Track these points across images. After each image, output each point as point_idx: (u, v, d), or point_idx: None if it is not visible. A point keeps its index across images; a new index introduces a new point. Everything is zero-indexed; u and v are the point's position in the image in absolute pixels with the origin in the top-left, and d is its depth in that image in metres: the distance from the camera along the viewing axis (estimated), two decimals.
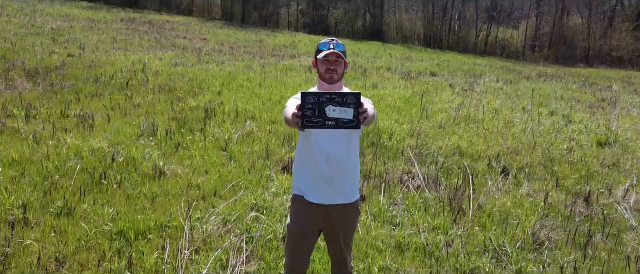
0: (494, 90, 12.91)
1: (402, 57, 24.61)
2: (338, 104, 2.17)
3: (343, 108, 2.17)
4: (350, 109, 2.16)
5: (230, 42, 23.44)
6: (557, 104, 11.41)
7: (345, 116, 2.16)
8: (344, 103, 2.16)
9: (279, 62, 15.47)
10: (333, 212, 2.65)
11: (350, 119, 2.16)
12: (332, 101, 2.17)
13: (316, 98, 2.17)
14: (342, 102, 2.17)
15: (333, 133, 2.58)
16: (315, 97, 2.17)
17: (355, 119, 2.16)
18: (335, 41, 2.64)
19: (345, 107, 2.16)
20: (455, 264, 3.83)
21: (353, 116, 2.16)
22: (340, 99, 2.16)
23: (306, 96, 2.18)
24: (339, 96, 2.16)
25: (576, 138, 8.23)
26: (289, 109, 2.48)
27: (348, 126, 2.18)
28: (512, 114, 9.64)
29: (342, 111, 2.17)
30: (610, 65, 33.95)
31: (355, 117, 2.15)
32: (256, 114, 8.12)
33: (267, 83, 11.15)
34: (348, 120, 2.17)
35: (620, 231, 4.72)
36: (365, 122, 2.19)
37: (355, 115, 2.15)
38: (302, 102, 2.16)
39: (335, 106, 2.17)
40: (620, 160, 7.05)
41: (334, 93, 2.18)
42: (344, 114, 2.17)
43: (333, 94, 2.17)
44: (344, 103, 2.16)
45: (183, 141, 6.41)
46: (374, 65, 16.61)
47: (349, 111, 2.16)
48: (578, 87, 15.08)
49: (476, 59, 30.17)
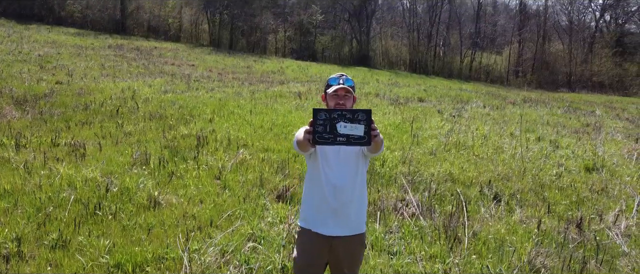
0: (482, 116, 13.10)
1: (389, 82, 24.93)
2: (349, 121, 2.21)
3: (354, 125, 2.21)
4: (361, 126, 2.20)
5: (218, 68, 23.56)
6: (543, 129, 11.61)
7: (356, 132, 2.20)
8: (355, 120, 2.20)
9: (269, 89, 15.56)
10: (338, 244, 2.68)
11: (361, 136, 2.20)
12: (343, 118, 2.21)
13: (327, 114, 2.21)
14: (353, 119, 2.21)
15: (341, 164, 2.62)
16: (326, 113, 2.21)
17: (366, 136, 2.20)
18: (345, 76, 2.70)
19: (356, 123, 2.20)
20: None
21: (364, 133, 2.20)
22: (351, 116, 2.20)
23: (318, 112, 2.21)
24: (350, 112, 2.20)
25: (564, 164, 8.36)
26: (299, 132, 2.52)
27: (359, 142, 2.22)
28: (500, 140, 9.78)
29: (353, 128, 2.21)
30: (592, 90, 34.73)
31: (366, 134, 2.19)
32: (248, 142, 8.14)
33: (258, 110, 11.19)
34: (359, 136, 2.21)
35: (613, 257, 4.79)
36: (375, 140, 2.22)
37: (366, 131, 2.19)
38: (314, 118, 2.20)
39: (347, 122, 2.21)
40: (609, 185, 7.17)
41: (345, 110, 2.22)
42: (355, 130, 2.20)
43: (344, 111, 2.22)
44: (355, 120, 2.20)
45: (176, 170, 6.39)
46: (363, 91, 16.78)
47: (359, 128, 2.20)
48: (563, 112, 15.37)
49: (462, 84, 30.66)
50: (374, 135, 2.19)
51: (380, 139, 2.35)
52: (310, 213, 2.71)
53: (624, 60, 36.54)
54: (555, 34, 42.61)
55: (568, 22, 42.35)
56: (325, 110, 2.23)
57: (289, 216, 5.09)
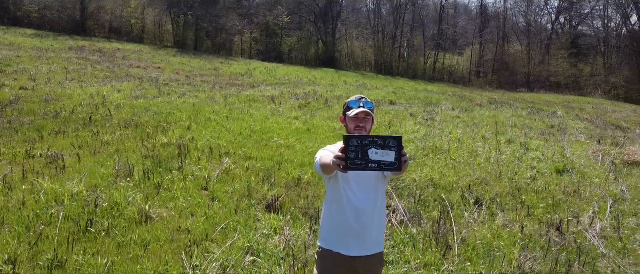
0: (453, 118, 13.44)
1: (356, 84, 25.19)
2: (380, 147, 2.24)
3: (385, 151, 2.24)
4: (392, 152, 2.23)
5: (185, 71, 23.23)
6: (512, 132, 12.02)
7: (387, 158, 2.23)
8: (386, 146, 2.24)
9: (241, 93, 15.48)
10: (358, 264, 2.75)
11: (392, 162, 2.23)
12: (374, 144, 2.24)
13: (359, 141, 2.23)
14: (384, 146, 2.24)
15: (362, 186, 2.69)
16: (358, 140, 2.24)
17: (397, 162, 2.23)
18: (364, 99, 2.77)
19: (387, 150, 2.24)
20: None
21: (395, 159, 2.23)
22: (383, 143, 2.24)
23: (350, 139, 2.24)
24: (381, 139, 2.23)
25: (537, 166, 8.70)
26: (325, 155, 2.56)
27: (390, 168, 2.24)
28: (474, 144, 10.07)
29: (384, 154, 2.24)
30: (549, 90, 36.04)
31: (397, 160, 2.23)
32: (230, 150, 8.10)
33: (234, 116, 11.13)
34: (390, 163, 2.23)
35: (594, 259, 5.05)
36: (404, 166, 2.29)
37: (397, 158, 2.23)
38: (345, 146, 2.22)
39: (378, 149, 2.24)
40: (581, 187, 7.51)
41: (377, 137, 2.24)
42: (386, 157, 2.24)
43: (376, 137, 2.24)
44: (386, 146, 2.24)
45: (162, 182, 6.31)
46: (334, 94, 16.91)
47: (390, 154, 2.24)
48: (527, 114, 15.93)
49: (427, 85, 31.26)
50: (404, 161, 2.26)
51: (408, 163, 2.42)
52: (332, 234, 2.77)
53: (579, 61, 38.10)
54: (514, 36, 44.00)
55: (526, 24, 43.81)
56: (357, 137, 2.26)
57: (283, 228, 5.14)
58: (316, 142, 9.00)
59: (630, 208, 6.81)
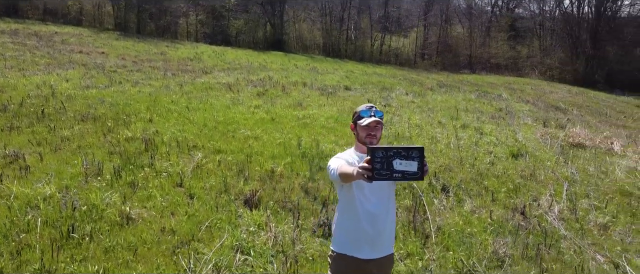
0: (407, 104, 13.82)
1: (307, 68, 25.21)
2: (404, 158, 2.35)
3: (408, 161, 2.36)
4: (415, 162, 2.35)
5: (131, 56, 22.39)
6: (466, 116, 12.53)
7: (410, 168, 2.35)
8: (409, 157, 2.36)
9: (196, 80, 15.17)
10: (372, 266, 2.89)
11: (415, 172, 2.35)
12: (398, 155, 2.35)
13: (385, 153, 2.34)
14: (408, 156, 2.36)
15: (375, 192, 2.81)
16: (384, 152, 2.34)
17: (419, 171, 2.35)
18: (374, 108, 2.87)
19: (411, 160, 2.36)
20: None
21: (417, 169, 2.35)
22: (406, 153, 2.35)
23: (375, 150, 2.34)
24: (404, 150, 2.34)
25: (493, 151, 9.17)
26: (343, 165, 2.65)
27: (412, 177, 2.36)
28: (433, 130, 10.45)
29: (407, 164, 2.36)
30: (490, 71, 37.53)
31: (419, 170, 2.35)
32: (198, 143, 8.01)
33: (194, 106, 10.95)
34: (413, 172, 2.35)
35: (557, 241, 5.47)
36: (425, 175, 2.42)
37: (419, 167, 2.36)
38: (371, 157, 2.32)
39: (402, 159, 2.36)
40: (536, 171, 8.02)
41: (401, 148, 2.35)
42: (409, 167, 2.36)
43: (399, 148, 2.35)
44: (409, 157, 2.36)
45: (135, 180, 6.18)
46: (290, 80, 16.90)
47: (413, 164, 2.36)
48: (476, 97, 16.62)
49: (375, 68, 31.74)
50: (425, 171, 2.39)
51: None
52: (346, 239, 2.89)
53: (517, 43, 39.85)
54: (457, 19, 45.30)
55: (467, 7, 45.18)
56: (382, 148, 2.37)
57: (268, 224, 5.21)
58: (283, 133, 9.05)
59: (581, 189, 7.36)
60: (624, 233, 5.77)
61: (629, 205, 6.85)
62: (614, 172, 8.33)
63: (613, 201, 6.90)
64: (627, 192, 7.36)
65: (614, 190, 7.43)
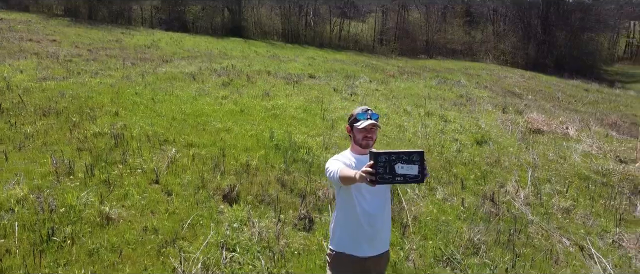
0: (372, 92, 14.02)
1: (268, 55, 25.05)
2: (405, 162, 2.46)
3: (409, 165, 2.46)
4: (416, 166, 2.46)
5: (85, 44, 21.59)
6: (429, 103, 12.84)
7: (411, 172, 2.45)
8: (410, 161, 2.46)
9: (157, 70, 14.82)
10: (370, 263, 3.01)
11: (416, 175, 2.46)
12: (400, 159, 2.45)
13: (387, 157, 2.44)
14: (409, 160, 2.46)
15: (372, 193, 2.91)
16: (386, 156, 2.43)
17: (420, 174, 2.46)
18: (370, 111, 2.96)
19: (412, 164, 2.46)
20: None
21: (418, 172, 2.46)
22: (407, 157, 2.45)
23: (378, 155, 2.43)
24: (406, 154, 2.45)
25: (458, 138, 9.48)
26: (343, 168, 2.73)
27: (413, 180, 2.48)
28: (400, 118, 10.68)
29: (408, 168, 2.46)
30: (447, 55, 38.38)
31: (420, 173, 2.46)
32: (169, 137, 7.90)
33: (159, 97, 10.74)
34: (414, 176, 2.46)
35: (525, 226, 5.78)
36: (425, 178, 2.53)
37: (420, 171, 2.47)
38: (374, 161, 2.41)
39: (404, 163, 2.46)
40: (500, 158, 8.37)
41: (402, 152, 2.46)
42: (410, 170, 2.46)
43: (401, 153, 2.46)
44: (410, 161, 2.46)
45: (109, 178, 6.07)
46: (253, 69, 16.78)
47: (414, 168, 2.46)
48: (437, 84, 17.01)
49: (335, 54, 31.84)
50: (425, 174, 2.51)
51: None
52: (345, 238, 2.99)
53: (472, 28, 40.88)
54: (413, 4, 45.87)
55: None
56: (385, 153, 2.46)
57: (250, 219, 5.26)
58: (253, 124, 9.04)
59: (543, 174, 7.75)
60: (585, 216, 6.15)
61: (587, 189, 7.28)
62: (571, 157, 8.80)
63: (573, 185, 7.32)
64: (584, 176, 7.81)
65: (572, 174, 7.87)
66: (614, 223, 5.98)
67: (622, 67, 40.09)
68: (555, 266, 4.81)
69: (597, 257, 4.88)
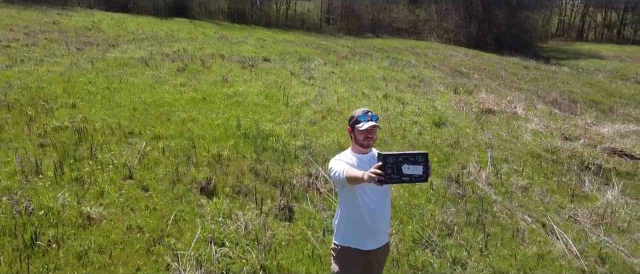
0: (329, 74, 14.17)
1: (216, 36, 24.55)
2: (411, 163, 2.66)
3: (415, 166, 2.66)
4: (420, 166, 2.67)
5: (21, 27, 20.38)
6: (385, 86, 13.15)
7: (416, 172, 2.66)
8: (415, 162, 2.67)
9: (106, 55, 14.26)
10: (373, 256, 3.22)
11: (420, 175, 2.67)
12: (407, 160, 2.65)
13: (395, 159, 2.63)
14: (415, 161, 2.66)
15: (374, 190, 3.10)
16: (394, 158, 2.63)
17: (424, 174, 2.67)
18: (371, 113, 3.13)
19: (417, 165, 2.67)
20: (408, 262, 4.69)
21: (422, 172, 2.67)
22: (413, 159, 2.66)
23: (386, 157, 2.62)
24: (412, 156, 2.65)
25: (418, 121, 9.84)
26: (349, 168, 2.89)
27: (418, 180, 2.69)
28: (360, 102, 10.91)
29: (414, 168, 2.66)
30: (393, 34, 39.02)
31: (424, 173, 2.67)
32: (134, 130, 7.75)
33: (115, 86, 10.41)
34: (418, 175, 2.67)
35: (490, 205, 6.18)
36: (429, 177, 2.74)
37: (424, 171, 2.67)
38: (383, 163, 2.59)
39: (410, 164, 2.66)
40: (459, 139, 8.79)
41: (408, 154, 2.65)
42: (415, 170, 2.66)
43: (407, 154, 2.65)
44: (415, 162, 2.67)
45: (80, 175, 5.93)
46: (205, 52, 16.46)
47: (419, 168, 2.67)
48: (389, 65, 17.37)
49: (284, 34, 31.63)
50: (429, 173, 2.71)
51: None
52: (350, 233, 3.17)
53: (416, 7, 41.65)
54: None
55: None
56: (393, 155, 2.64)
57: (233, 212, 5.34)
58: (218, 113, 8.98)
59: (499, 154, 8.24)
60: (542, 194, 6.65)
61: (540, 167, 7.83)
62: (522, 136, 9.37)
63: (527, 164, 7.84)
64: (536, 155, 8.37)
65: (525, 153, 8.41)
66: (568, 199, 6.51)
67: (555, 44, 42.28)
68: (523, 243, 5.22)
69: (559, 233, 5.34)
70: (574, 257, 4.95)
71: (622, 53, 35.36)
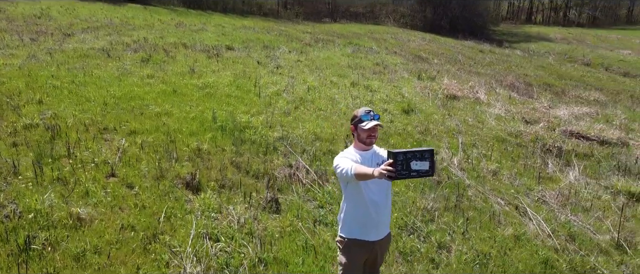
0: (295, 63, 14.24)
1: (174, 23, 24.02)
2: (419, 159, 2.86)
3: (422, 162, 2.86)
4: (427, 162, 2.85)
5: None
6: (352, 73, 13.36)
7: (423, 167, 2.85)
8: (423, 158, 2.86)
9: (64, 46, 13.77)
10: (377, 246, 3.43)
11: (427, 170, 2.86)
12: (415, 157, 2.84)
13: (404, 156, 2.81)
14: (422, 158, 2.85)
15: (377, 184, 3.29)
16: (403, 155, 2.81)
17: (431, 169, 2.87)
18: (373, 112, 3.30)
19: (424, 160, 2.87)
20: (397, 248, 4.94)
21: (429, 167, 2.86)
22: (421, 155, 2.84)
23: (397, 155, 2.80)
24: (419, 153, 2.83)
25: (387, 108, 10.12)
26: (357, 166, 3.07)
27: (425, 175, 2.87)
28: (329, 91, 11.08)
29: (421, 164, 2.86)
30: (350, 19, 39.25)
31: (431, 168, 2.87)
32: (108, 125, 7.62)
33: (80, 80, 10.13)
34: (426, 170, 2.85)
35: (465, 190, 6.52)
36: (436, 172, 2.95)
37: (431, 166, 2.87)
38: (394, 160, 2.77)
39: (418, 160, 2.85)
40: (429, 126, 9.12)
41: (416, 151, 2.84)
42: (423, 166, 2.86)
43: (415, 151, 2.84)
44: (423, 158, 2.86)
45: (61, 175, 5.84)
46: (167, 41, 16.13)
47: (426, 164, 2.86)
48: (352, 52, 17.58)
49: (242, 20, 31.26)
50: (435, 168, 2.91)
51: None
52: (356, 226, 3.36)
53: None
54: None
55: None
56: (402, 152, 2.82)
57: (224, 207, 5.43)
58: (192, 106, 8.94)
59: (468, 139, 8.63)
60: (511, 177, 7.06)
61: (506, 150, 8.27)
62: (487, 121, 9.82)
63: (494, 148, 8.26)
64: (501, 139, 8.81)
65: (491, 138, 8.84)
66: (535, 181, 6.94)
67: (506, 27, 43.71)
68: (500, 226, 5.58)
69: (531, 214, 5.73)
70: (547, 236, 5.35)
71: (569, 35, 37.01)
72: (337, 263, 3.54)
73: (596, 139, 9.01)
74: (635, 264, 4.99)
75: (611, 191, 6.82)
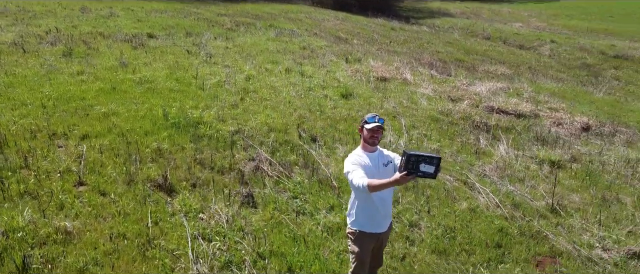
0: (225, 50, 14.19)
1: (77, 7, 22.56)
2: (428, 163, 3.36)
3: (429, 166, 3.38)
4: (433, 166, 3.37)
5: None
6: (283, 59, 13.61)
7: (429, 171, 3.36)
8: (431, 163, 3.36)
9: None
10: (382, 235, 3.94)
11: (431, 173, 3.37)
12: (425, 161, 3.34)
13: (416, 158, 3.30)
14: (430, 162, 3.36)
15: None
16: (415, 157, 3.29)
17: (434, 173, 3.38)
18: (377, 116, 3.75)
19: (430, 165, 3.38)
20: None
21: (433, 171, 3.37)
22: (430, 160, 3.35)
23: (410, 155, 3.28)
24: (429, 158, 3.33)
25: (327, 94, 10.58)
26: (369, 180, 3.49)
27: (429, 176, 3.38)
28: (268, 79, 11.31)
29: (428, 168, 3.37)
30: None
31: (435, 172, 3.37)
32: (57, 130, 7.36)
33: (5, 81, 9.48)
34: (430, 173, 3.37)
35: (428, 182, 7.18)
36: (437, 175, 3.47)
37: (435, 170, 3.37)
38: (407, 159, 3.25)
39: (426, 163, 3.36)
40: (370, 110, 9.73)
41: (428, 156, 3.32)
42: (429, 169, 3.37)
43: (427, 156, 3.33)
44: (431, 163, 3.36)
45: (27, 188, 5.68)
46: (83, 31, 15.23)
47: (431, 168, 3.37)
48: (276, 36, 17.73)
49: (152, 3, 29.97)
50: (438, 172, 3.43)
51: None
52: (366, 220, 3.84)
53: None
54: None
55: None
56: (415, 154, 3.30)
57: (207, 207, 5.63)
58: (137, 104, 8.78)
59: (407, 121, 9.35)
60: (453, 155, 7.87)
61: (442, 129, 9.11)
62: (419, 101, 10.64)
63: (432, 128, 9.06)
64: (435, 118, 9.66)
65: (426, 118, 9.65)
66: (474, 157, 7.82)
67: (410, 3, 45.70)
68: (456, 201, 6.32)
69: (481, 188, 6.54)
70: (495, 207, 6.18)
71: (467, 10, 39.68)
72: (350, 252, 3.99)
73: (513, 113, 10.18)
74: (569, 224, 5.97)
75: (536, 161, 7.87)
